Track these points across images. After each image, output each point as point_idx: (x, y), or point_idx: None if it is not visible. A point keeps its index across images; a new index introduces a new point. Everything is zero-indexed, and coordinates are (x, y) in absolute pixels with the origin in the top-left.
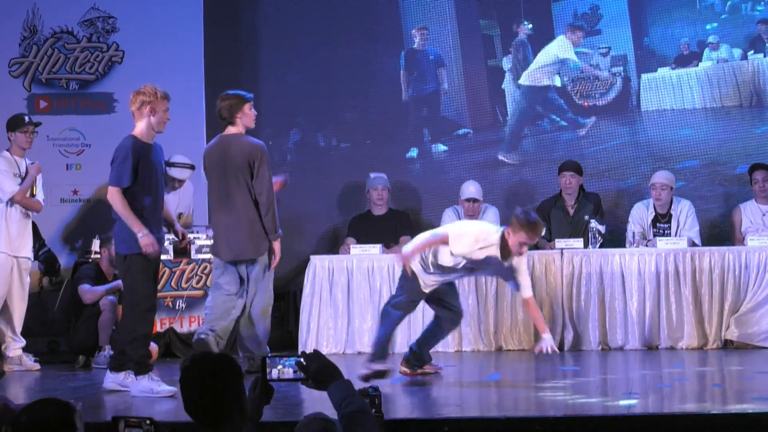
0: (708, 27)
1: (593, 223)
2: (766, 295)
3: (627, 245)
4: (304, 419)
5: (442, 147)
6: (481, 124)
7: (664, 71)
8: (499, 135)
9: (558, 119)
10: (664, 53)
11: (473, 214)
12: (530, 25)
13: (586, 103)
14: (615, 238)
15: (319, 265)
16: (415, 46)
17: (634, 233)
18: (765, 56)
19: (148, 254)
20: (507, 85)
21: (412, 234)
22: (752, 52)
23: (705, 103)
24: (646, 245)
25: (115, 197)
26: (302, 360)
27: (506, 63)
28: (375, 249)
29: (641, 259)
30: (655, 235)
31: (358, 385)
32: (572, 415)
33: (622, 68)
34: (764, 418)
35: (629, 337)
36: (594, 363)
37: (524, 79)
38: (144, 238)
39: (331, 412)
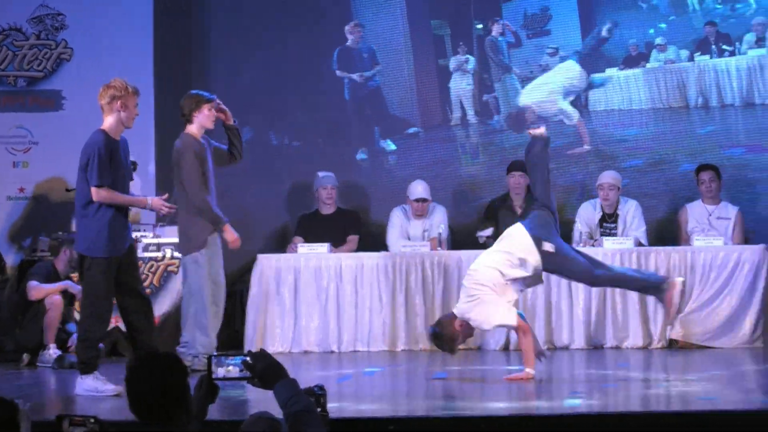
0: (653, 30)
1: None
2: (710, 295)
3: (574, 245)
4: (249, 418)
5: (392, 146)
6: (431, 123)
7: (612, 71)
8: (448, 134)
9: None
10: (613, 54)
11: (422, 214)
12: (480, 26)
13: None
14: (562, 238)
15: (266, 264)
16: (349, 43)
17: (581, 233)
18: (711, 58)
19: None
20: (454, 83)
21: (360, 233)
22: (699, 53)
23: (652, 104)
24: (593, 245)
25: (103, 195)
26: (248, 359)
27: (453, 63)
28: (323, 248)
29: None
30: (601, 235)
31: (305, 384)
32: (517, 414)
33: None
34: (708, 417)
35: (575, 336)
36: (539, 362)
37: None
38: (154, 200)
39: (277, 412)
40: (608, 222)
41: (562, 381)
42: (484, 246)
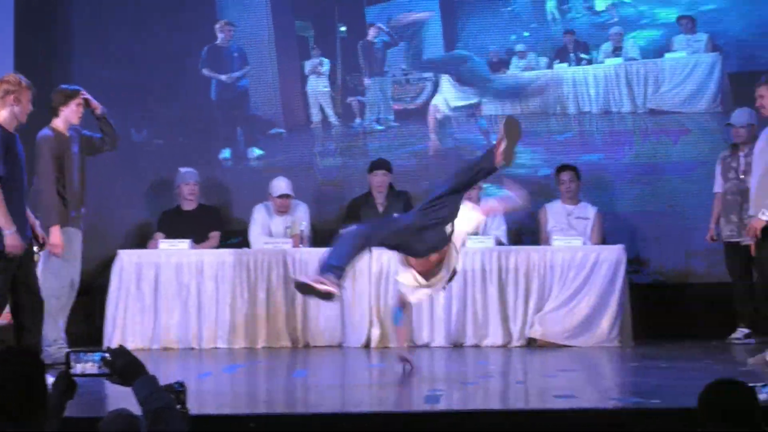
0: (515, 36)
1: None
2: (569, 294)
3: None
4: (108, 415)
5: (257, 152)
6: (294, 124)
7: None
8: (310, 135)
9: (373, 121)
10: (474, 60)
11: (284, 211)
12: (344, 28)
13: (396, 107)
14: None
15: (126, 259)
16: (219, 42)
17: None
18: (570, 65)
19: (9, 254)
20: (310, 86)
21: (222, 229)
22: (558, 61)
23: (512, 110)
24: None
25: None
26: (107, 355)
27: (307, 66)
28: (184, 244)
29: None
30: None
31: (165, 380)
32: (377, 412)
33: (432, 73)
34: (565, 415)
35: (435, 334)
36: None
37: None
38: (11, 236)
39: (137, 409)
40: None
41: (422, 379)
42: None
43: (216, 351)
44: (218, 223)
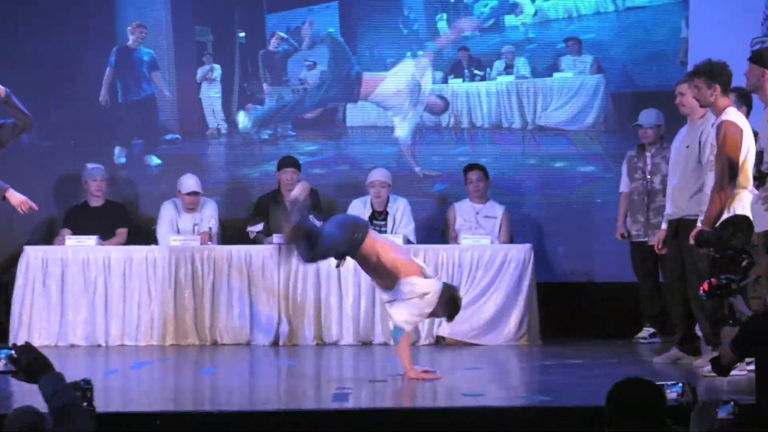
0: (410, 53)
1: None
2: (477, 293)
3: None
4: (12, 412)
5: (156, 161)
6: (190, 131)
7: None
8: (205, 142)
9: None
10: (373, 72)
11: (193, 208)
12: (243, 33)
13: (295, 116)
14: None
15: (32, 255)
16: (130, 43)
17: None
18: (464, 81)
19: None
20: (203, 93)
21: (129, 226)
22: (452, 76)
23: (408, 123)
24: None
25: None
26: (13, 352)
27: (199, 73)
28: (91, 240)
29: None
30: None
31: (71, 378)
32: (285, 410)
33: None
34: (473, 413)
35: (344, 332)
36: (309, 358)
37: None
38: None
39: (43, 406)
40: (378, 219)
41: (330, 377)
42: (255, 241)
43: (123, 348)
44: (125, 220)
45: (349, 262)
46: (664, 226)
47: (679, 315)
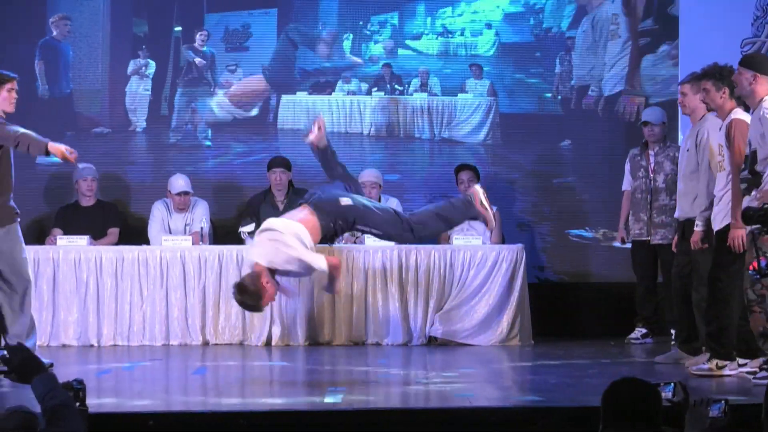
0: (343, 64)
1: None
2: (469, 293)
3: (336, 242)
4: (4, 412)
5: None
6: (118, 125)
7: (302, 95)
8: (131, 138)
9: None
10: (303, 78)
11: (183, 208)
12: (179, 28)
13: (226, 116)
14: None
15: None
16: (55, 35)
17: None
18: (385, 94)
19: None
20: (132, 86)
21: (121, 225)
22: (376, 89)
23: (331, 128)
24: (355, 242)
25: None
26: (5, 353)
27: (131, 66)
28: (83, 240)
29: (348, 256)
30: (363, 233)
31: (63, 378)
32: (278, 410)
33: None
34: (465, 413)
35: (336, 332)
36: (301, 358)
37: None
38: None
39: (35, 406)
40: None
41: (322, 377)
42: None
43: (115, 348)
44: (117, 220)
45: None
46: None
47: (682, 315)
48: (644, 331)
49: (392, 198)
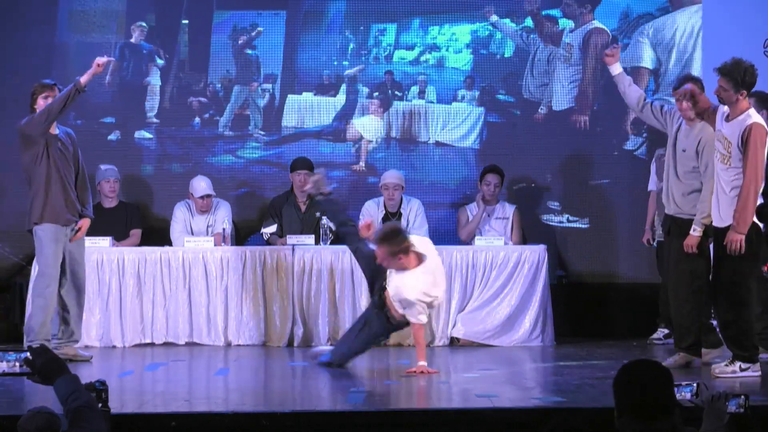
0: (348, 62)
1: (324, 220)
2: (491, 294)
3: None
4: (27, 413)
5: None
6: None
7: (307, 95)
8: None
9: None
10: (309, 80)
11: (206, 210)
12: (186, 21)
13: (236, 111)
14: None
15: None
16: (133, 40)
17: None
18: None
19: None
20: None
21: (143, 227)
22: (377, 93)
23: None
24: None
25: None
26: (29, 355)
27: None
28: (105, 242)
29: None
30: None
31: (86, 379)
32: (300, 411)
33: (271, 86)
34: (487, 414)
35: None
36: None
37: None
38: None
39: (58, 407)
40: (391, 220)
41: (345, 377)
42: (268, 242)
43: (137, 349)
44: (139, 221)
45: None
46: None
47: (684, 317)
48: (667, 331)
49: (414, 199)
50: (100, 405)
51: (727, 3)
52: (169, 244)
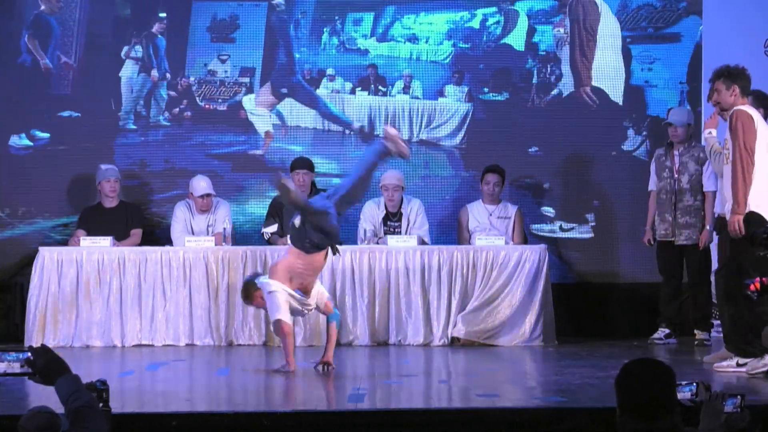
0: (326, 60)
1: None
2: (491, 293)
3: (358, 242)
4: (28, 413)
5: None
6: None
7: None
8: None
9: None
10: (288, 74)
11: (206, 209)
12: (164, 14)
13: (207, 106)
14: (346, 236)
15: (48, 256)
16: (43, 9)
17: (365, 231)
18: (369, 94)
19: None
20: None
21: (144, 227)
22: (360, 88)
23: (314, 124)
24: (377, 243)
25: None
26: (29, 355)
27: (125, 49)
28: (105, 241)
29: (372, 257)
30: (386, 233)
31: (87, 379)
32: (301, 411)
33: (248, 79)
34: (488, 414)
35: (358, 332)
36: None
37: None
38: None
39: (59, 407)
40: (392, 220)
41: (345, 377)
42: (269, 242)
43: (138, 349)
44: (140, 221)
45: (364, 263)
46: None
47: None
48: (667, 331)
49: (414, 199)
50: (101, 405)
51: (727, 3)
52: (170, 243)
